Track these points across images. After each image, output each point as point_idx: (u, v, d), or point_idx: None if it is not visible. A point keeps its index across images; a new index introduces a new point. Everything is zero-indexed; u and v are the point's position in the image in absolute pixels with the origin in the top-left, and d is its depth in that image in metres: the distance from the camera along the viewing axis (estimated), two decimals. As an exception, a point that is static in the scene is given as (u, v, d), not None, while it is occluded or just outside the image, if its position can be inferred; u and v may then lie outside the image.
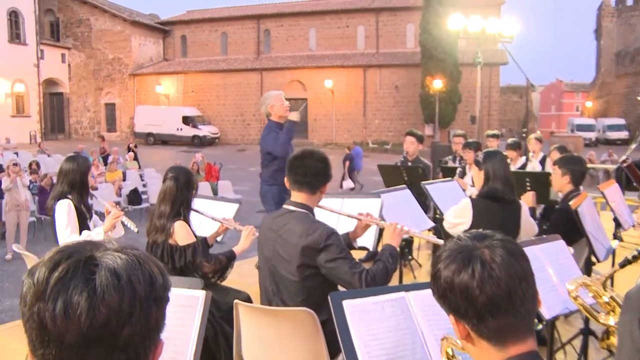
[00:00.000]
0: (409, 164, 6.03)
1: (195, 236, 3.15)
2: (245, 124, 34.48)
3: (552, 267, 2.46)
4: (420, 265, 5.92)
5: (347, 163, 17.35)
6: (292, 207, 2.60)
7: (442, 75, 27.10)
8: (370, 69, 32.02)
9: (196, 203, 3.28)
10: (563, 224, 3.22)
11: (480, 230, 1.21)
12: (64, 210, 3.36)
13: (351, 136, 32.29)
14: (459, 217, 3.30)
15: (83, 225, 3.43)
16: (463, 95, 28.89)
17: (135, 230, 3.20)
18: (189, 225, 3.13)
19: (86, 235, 3.32)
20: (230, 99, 34.43)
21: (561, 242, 2.62)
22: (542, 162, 6.62)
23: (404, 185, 4.54)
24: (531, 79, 12.38)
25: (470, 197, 3.40)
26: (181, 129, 32.25)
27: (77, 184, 3.41)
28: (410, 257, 5.87)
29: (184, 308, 1.87)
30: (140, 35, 36.32)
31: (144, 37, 36.69)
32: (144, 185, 13.92)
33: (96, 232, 3.34)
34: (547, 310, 2.29)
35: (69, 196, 3.41)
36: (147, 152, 26.35)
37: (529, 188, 4.96)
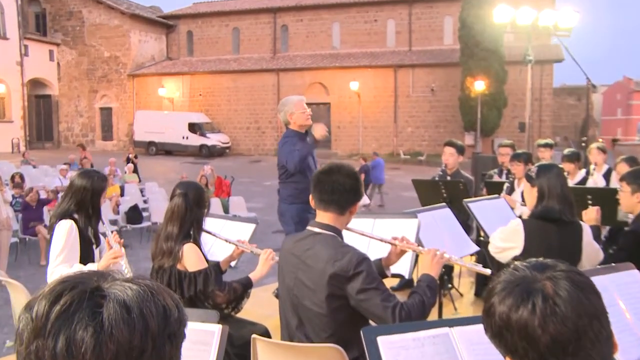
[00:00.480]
0: (448, 178, 6.02)
1: (207, 261, 3.18)
2: (260, 132, 34.76)
3: (624, 301, 2.37)
4: (461, 295, 5.87)
5: (362, 176, 17.41)
6: (317, 229, 2.62)
7: (485, 75, 27.01)
8: (402, 69, 32.09)
9: (208, 223, 3.32)
10: (635, 248, 3.16)
11: (541, 259, 1.20)
12: (64, 232, 3.32)
13: (379, 146, 32.29)
14: (507, 240, 3.28)
15: (86, 253, 3.39)
16: (509, 98, 28.73)
17: (129, 274, 3.11)
18: (200, 249, 3.16)
19: (77, 269, 3.23)
20: (243, 103, 34.79)
21: (635, 272, 2.51)
22: (607, 176, 6.48)
23: (443, 204, 4.53)
24: (592, 77, 12.21)
25: (520, 217, 3.39)
26: (187, 138, 32.70)
27: (86, 204, 3.39)
28: (450, 285, 5.82)
29: (197, 345, 1.87)
30: (140, 31, 36.83)
31: (145, 33, 37.22)
32: (145, 202, 14.09)
33: (89, 269, 3.28)
34: (620, 355, 2.18)
35: (75, 216, 3.39)
36: (149, 163, 26.71)
37: (591, 206, 4.90)
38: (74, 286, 0.85)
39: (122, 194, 13.82)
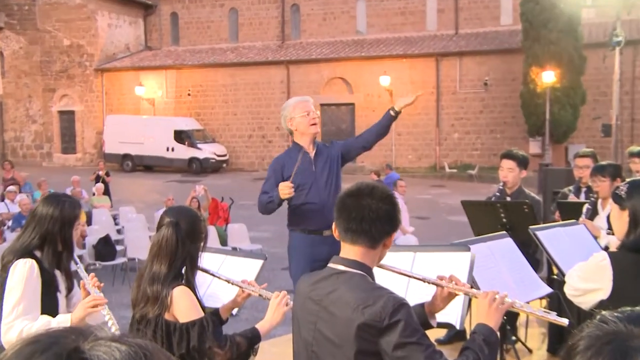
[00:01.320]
0: (508, 198, 6.02)
1: (203, 308, 3.19)
2: (266, 142, 34.96)
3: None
4: (530, 352, 5.84)
5: None
6: (341, 267, 2.64)
7: (556, 63, 26.94)
8: (446, 59, 32.17)
9: (204, 259, 3.35)
10: None
11: (638, 308, 1.18)
12: (22, 276, 3.30)
13: (418, 157, 32.31)
14: (590, 280, 3.27)
15: (49, 302, 3.37)
16: (589, 92, 28.54)
17: (117, 332, 2.96)
18: (195, 293, 3.18)
19: (44, 324, 3.23)
20: (244, 105, 35.06)
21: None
22: None
23: (503, 232, 4.54)
24: None
25: (607, 249, 3.38)
26: (173, 149, 33.05)
27: (54, 237, 3.40)
28: (514, 338, 5.80)
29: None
30: (110, 12, 37.11)
31: (116, 15, 37.53)
32: (119, 232, 14.21)
33: (59, 322, 3.26)
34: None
35: (37, 253, 3.39)
36: (123, 182, 26.97)
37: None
38: (46, 348, 0.83)
39: (89, 222, 13.87)
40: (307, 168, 5.43)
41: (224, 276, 3.46)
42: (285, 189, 5.21)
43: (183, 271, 3.19)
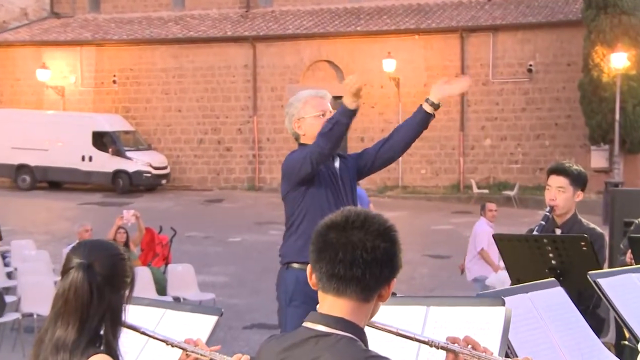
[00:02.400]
0: (558, 231, 6.05)
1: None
2: (223, 149, 34.94)
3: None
4: None
5: None
6: (322, 327, 2.63)
7: (630, 42, 27.09)
8: (474, 35, 32.41)
9: (132, 314, 3.33)
10: None
11: None
12: None
13: (434, 171, 32.35)
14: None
15: None
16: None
17: None
18: (118, 363, 3.17)
19: None
20: (192, 97, 35.07)
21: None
22: None
23: (552, 279, 4.54)
24: None
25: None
26: (91, 159, 32.95)
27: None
28: None
29: None
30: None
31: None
32: (10, 276, 14.06)
33: None
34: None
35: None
36: (18, 205, 26.90)
37: None
38: None
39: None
40: (332, 182, 5.49)
41: (161, 335, 3.44)
42: (352, 80, 5.35)
43: (102, 332, 3.16)
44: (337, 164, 5.64)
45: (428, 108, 5.80)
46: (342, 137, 5.43)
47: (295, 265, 5.44)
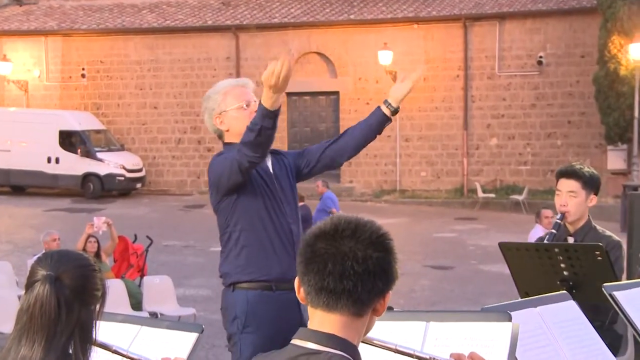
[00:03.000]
0: (571, 239, 6.06)
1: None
2: (204, 149, 34.91)
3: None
4: None
5: None
6: (312, 345, 2.64)
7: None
8: (479, 24, 32.49)
9: (105, 331, 3.33)
10: None
11: None
12: None
13: (435, 173, 32.36)
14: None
15: None
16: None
17: None
18: (87, 384, 3.17)
19: None
20: (170, 94, 35.09)
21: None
22: None
23: (563, 292, 4.56)
24: None
25: None
26: (58, 161, 32.90)
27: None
28: None
29: None
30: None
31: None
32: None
33: None
34: None
35: None
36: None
37: None
38: None
39: None
40: (266, 185, 5.41)
41: (135, 354, 3.44)
42: (270, 69, 4.81)
43: (70, 351, 3.16)
44: (269, 163, 5.51)
45: (387, 111, 5.63)
46: (271, 141, 5.13)
47: (243, 285, 5.34)
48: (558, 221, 6.08)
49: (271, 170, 5.50)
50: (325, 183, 19.67)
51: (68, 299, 3.12)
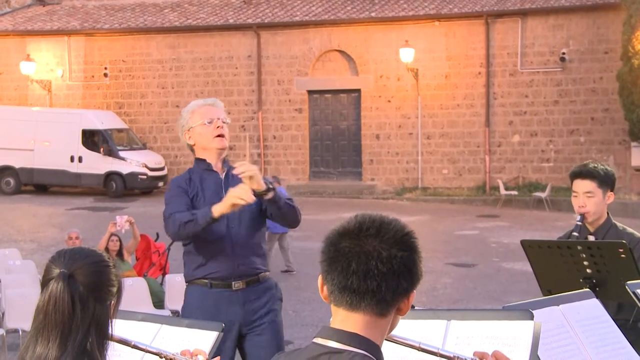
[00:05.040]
0: (592, 237, 6.02)
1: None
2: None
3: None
4: None
5: None
6: (335, 344, 2.63)
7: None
8: (500, 21, 32.38)
9: (122, 328, 3.32)
10: None
11: None
12: None
13: (457, 172, 32.33)
14: None
15: None
16: None
17: None
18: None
19: None
20: (192, 92, 34.91)
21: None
22: None
23: (586, 290, 4.53)
24: None
25: None
26: (81, 160, 32.99)
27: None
28: None
29: None
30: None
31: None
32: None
33: None
34: None
35: None
36: (1, 210, 26.93)
37: None
38: None
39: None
40: (215, 192, 5.82)
41: (154, 348, 3.43)
42: (244, 192, 5.45)
43: (88, 346, 3.15)
44: (222, 174, 6.00)
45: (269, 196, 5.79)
46: (195, 233, 5.70)
47: (193, 281, 5.92)
48: (578, 223, 6.04)
49: (222, 181, 5.97)
50: (277, 179, 19.78)
51: (82, 295, 3.11)
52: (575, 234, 5.98)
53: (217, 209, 5.49)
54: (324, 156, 33.92)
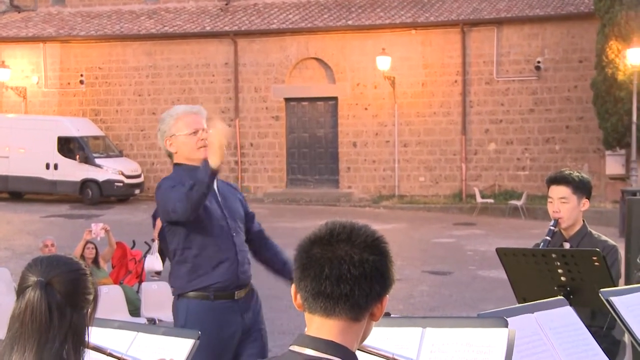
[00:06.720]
0: (567, 245, 6.06)
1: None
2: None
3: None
4: None
5: (159, 222, 17.16)
6: (311, 352, 2.63)
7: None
8: (476, 29, 32.49)
9: (101, 338, 3.31)
10: None
11: None
12: None
13: (434, 179, 32.34)
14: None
15: None
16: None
17: None
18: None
19: None
20: (167, 99, 34.79)
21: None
22: None
23: (560, 298, 4.55)
24: None
25: None
26: (56, 167, 32.84)
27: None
28: None
29: None
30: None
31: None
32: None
33: None
34: None
35: None
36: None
37: None
38: None
39: None
40: (209, 198, 5.60)
41: (130, 356, 3.43)
42: (222, 131, 5.46)
43: (64, 355, 3.15)
44: (215, 184, 5.70)
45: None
46: (204, 199, 5.45)
47: (189, 294, 5.64)
48: (552, 228, 6.08)
49: (217, 195, 5.80)
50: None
51: (60, 304, 3.10)
52: (547, 238, 6.03)
53: (212, 160, 5.33)
54: (301, 164, 33.91)
